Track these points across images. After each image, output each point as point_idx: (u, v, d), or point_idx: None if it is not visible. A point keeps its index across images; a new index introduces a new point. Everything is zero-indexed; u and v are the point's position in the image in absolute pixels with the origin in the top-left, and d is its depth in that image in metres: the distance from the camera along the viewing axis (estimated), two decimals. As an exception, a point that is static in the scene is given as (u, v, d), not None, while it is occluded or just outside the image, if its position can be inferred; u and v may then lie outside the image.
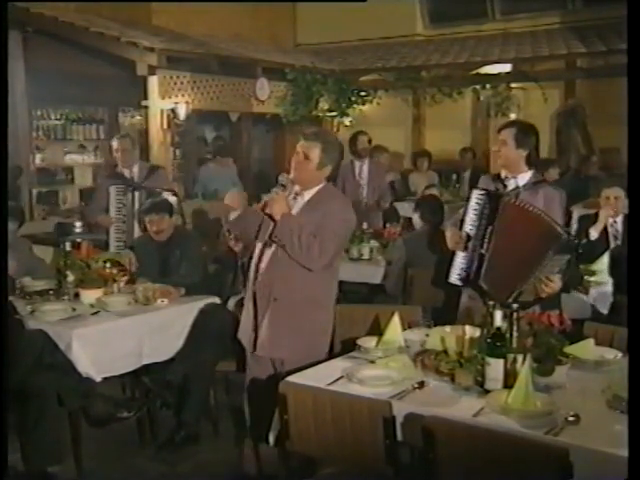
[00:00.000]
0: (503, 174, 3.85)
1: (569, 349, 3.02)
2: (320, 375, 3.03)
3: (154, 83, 8.72)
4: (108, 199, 5.90)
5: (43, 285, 4.48)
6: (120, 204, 5.89)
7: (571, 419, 2.52)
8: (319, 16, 12.23)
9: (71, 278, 4.34)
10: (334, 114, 10.73)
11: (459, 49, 10.92)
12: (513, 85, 10.53)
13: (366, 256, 5.67)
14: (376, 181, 7.39)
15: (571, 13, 11.08)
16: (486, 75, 10.37)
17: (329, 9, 11.90)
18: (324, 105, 10.67)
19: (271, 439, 3.03)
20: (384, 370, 3.04)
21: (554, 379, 2.83)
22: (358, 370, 3.03)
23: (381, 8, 11.32)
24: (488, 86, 10.50)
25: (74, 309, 4.09)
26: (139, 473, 3.95)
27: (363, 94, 10.95)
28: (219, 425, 4.35)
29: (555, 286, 3.57)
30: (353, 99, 10.83)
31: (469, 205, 3.75)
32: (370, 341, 3.37)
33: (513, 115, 10.33)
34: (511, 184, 3.80)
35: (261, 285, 3.51)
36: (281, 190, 3.43)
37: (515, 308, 2.89)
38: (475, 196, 3.74)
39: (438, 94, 10.62)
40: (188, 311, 4.35)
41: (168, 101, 8.83)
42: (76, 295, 4.32)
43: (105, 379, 3.92)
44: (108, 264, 4.46)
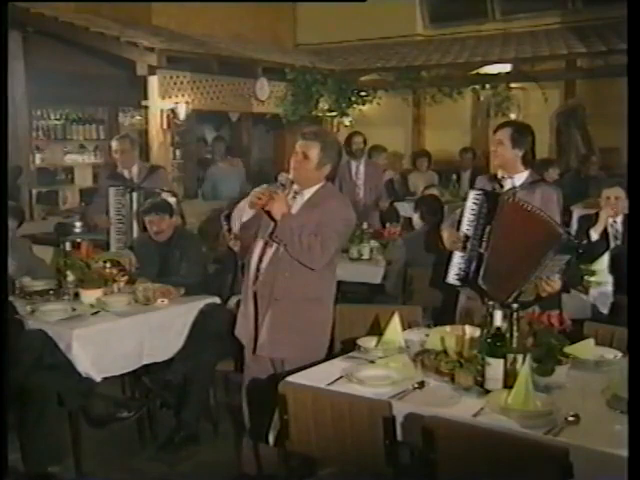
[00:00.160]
0: (499, 174, 3.86)
1: (569, 349, 3.01)
2: (320, 375, 3.03)
3: (154, 83, 8.71)
4: (107, 200, 5.91)
5: (43, 285, 4.48)
6: (119, 205, 5.89)
7: (571, 419, 2.51)
8: (319, 16, 12.23)
9: (71, 278, 4.34)
10: (334, 114, 10.72)
11: (459, 49, 10.92)
12: (513, 85, 10.52)
13: (366, 256, 5.67)
14: (373, 181, 7.39)
15: (571, 13, 11.08)
16: (486, 75, 10.36)
17: (329, 9, 11.90)
18: (324, 105, 10.67)
19: (271, 439, 3.03)
20: (384, 370, 3.03)
21: (554, 379, 2.83)
22: (358, 370, 3.03)
23: (381, 8, 11.32)
24: (488, 86, 10.48)
25: (74, 309, 4.09)
26: (139, 473, 3.95)
27: (363, 94, 10.93)
28: (219, 425, 4.35)
29: (555, 285, 3.57)
30: (353, 99, 10.82)
31: (466, 205, 3.76)
32: (370, 341, 3.37)
33: (513, 115, 10.34)
34: (508, 184, 3.81)
35: (262, 285, 3.51)
36: (281, 189, 3.43)
37: (515, 308, 2.89)
38: (472, 196, 3.75)
39: (438, 94, 10.60)
40: (188, 311, 4.35)
41: (168, 101, 8.82)
42: (76, 295, 4.32)
43: (105, 379, 3.92)
44: (108, 264, 4.45)
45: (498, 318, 2.83)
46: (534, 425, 2.50)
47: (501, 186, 3.82)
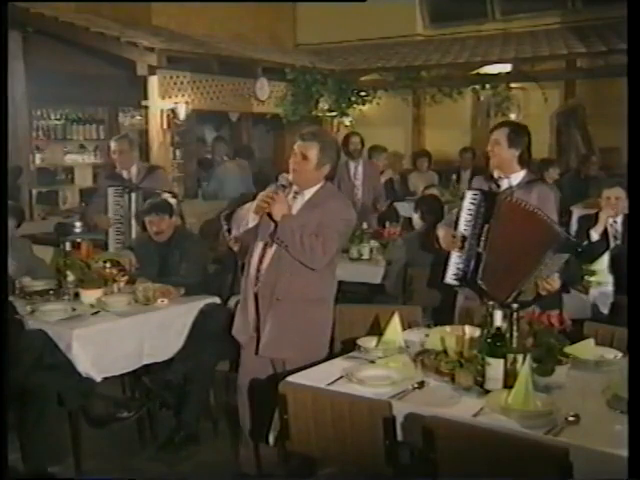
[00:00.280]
0: (496, 174, 3.87)
1: (569, 349, 3.02)
2: (320, 375, 3.03)
3: (154, 83, 8.71)
4: (106, 200, 5.91)
5: (43, 285, 4.48)
6: (118, 205, 5.89)
7: (571, 419, 2.51)
8: (319, 16, 12.23)
9: (71, 278, 4.34)
10: (334, 114, 10.72)
11: (459, 49, 10.92)
12: (513, 85, 10.53)
13: (366, 256, 5.67)
14: (371, 182, 7.39)
15: (571, 13, 11.09)
16: (486, 75, 10.37)
17: (329, 9, 11.90)
18: (324, 105, 10.67)
19: (271, 439, 3.03)
20: (384, 370, 3.03)
21: (554, 379, 2.83)
22: (358, 370, 3.03)
23: (381, 8, 11.32)
24: (488, 86, 10.49)
25: (74, 309, 4.09)
26: (139, 473, 3.95)
27: (363, 94, 10.94)
28: (219, 425, 4.35)
29: (555, 284, 3.57)
30: (353, 99, 10.83)
31: (463, 205, 3.76)
32: (370, 341, 3.37)
33: (513, 115, 10.35)
34: (504, 184, 3.82)
35: (263, 285, 3.51)
36: (281, 190, 3.43)
37: (515, 308, 2.89)
38: (469, 196, 3.76)
39: (438, 94, 10.61)
40: (188, 311, 4.34)
41: (168, 101, 8.82)
42: (76, 295, 4.32)
43: (105, 379, 3.92)
44: (108, 264, 4.45)
45: (498, 318, 2.82)
46: (534, 425, 2.50)
47: (498, 186, 3.83)
